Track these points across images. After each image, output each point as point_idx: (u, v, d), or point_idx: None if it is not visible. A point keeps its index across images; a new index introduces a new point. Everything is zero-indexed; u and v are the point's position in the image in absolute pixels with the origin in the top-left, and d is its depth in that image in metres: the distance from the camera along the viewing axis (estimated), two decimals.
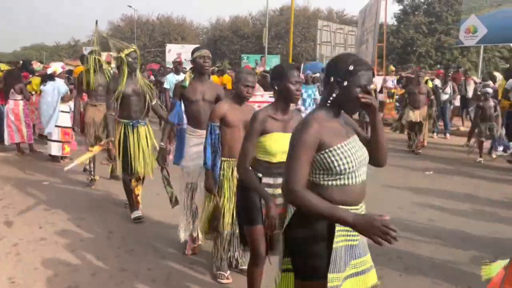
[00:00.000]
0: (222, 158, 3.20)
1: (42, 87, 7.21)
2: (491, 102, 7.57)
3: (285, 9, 46.54)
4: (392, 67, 14.23)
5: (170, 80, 7.98)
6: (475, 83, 11.23)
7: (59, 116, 7.06)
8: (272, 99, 2.70)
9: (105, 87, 5.45)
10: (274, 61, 31.47)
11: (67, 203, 5.22)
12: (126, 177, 4.56)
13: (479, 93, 9.34)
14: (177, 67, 8.12)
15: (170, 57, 34.85)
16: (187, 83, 3.70)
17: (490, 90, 7.69)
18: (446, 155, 8.61)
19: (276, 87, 2.54)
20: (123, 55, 4.38)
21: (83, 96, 6.14)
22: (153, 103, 4.68)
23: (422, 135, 8.59)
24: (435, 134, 10.45)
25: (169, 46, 36.23)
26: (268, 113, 2.57)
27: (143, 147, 4.55)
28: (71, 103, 7.56)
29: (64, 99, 7.16)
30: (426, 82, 10.69)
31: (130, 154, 4.47)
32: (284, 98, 2.54)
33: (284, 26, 44.88)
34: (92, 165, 5.98)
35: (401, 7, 31.33)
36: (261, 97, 9.20)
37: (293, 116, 2.63)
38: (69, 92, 7.34)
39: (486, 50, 29.45)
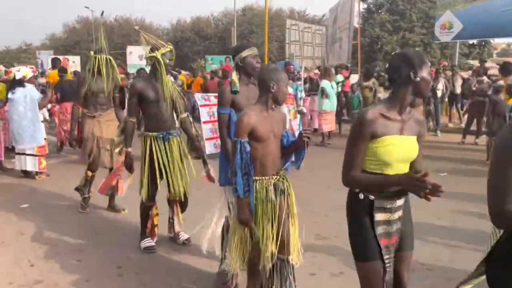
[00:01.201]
0: (255, 178, 2.58)
1: (10, 95, 6.26)
2: (502, 96, 7.29)
3: (247, 10, 46.15)
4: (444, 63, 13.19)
5: None
6: (463, 78, 11.10)
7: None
8: None
9: (106, 93, 4.67)
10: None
11: (57, 231, 4.41)
12: (148, 202, 3.83)
13: (474, 88, 9.16)
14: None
15: (131, 60, 33.51)
16: (238, 87, 3.05)
17: (502, 83, 7.40)
18: (449, 154, 8.30)
19: (397, 80, 2.02)
20: (158, 54, 3.65)
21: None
22: (183, 115, 3.95)
23: None
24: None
25: (130, 48, 34.75)
26: (380, 111, 2.01)
27: (178, 163, 3.83)
28: (45, 111, 6.70)
29: (39, 107, 6.27)
30: None
31: (165, 173, 3.75)
32: (414, 94, 2.04)
33: (247, 26, 44.47)
34: (88, 187, 5.04)
35: (365, 5, 31.56)
36: None
37: (413, 115, 2.11)
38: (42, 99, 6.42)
39: (448, 47, 30.23)
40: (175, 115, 3.98)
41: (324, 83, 8.91)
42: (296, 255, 2.71)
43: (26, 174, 6.58)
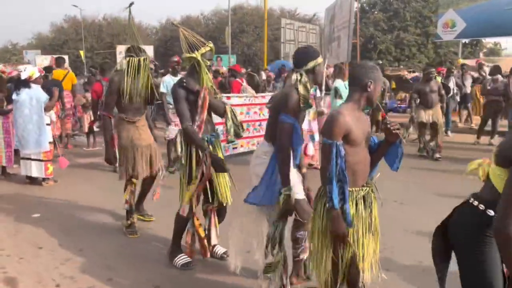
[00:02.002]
0: None
1: (14, 96, 5.83)
2: None
3: (238, 9, 45.77)
4: (460, 60, 12.61)
5: (168, 83, 6.82)
6: (472, 77, 10.93)
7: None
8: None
9: (142, 97, 4.20)
10: (230, 61, 30.43)
11: (78, 244, 4.03)
12: (189, 213, 3.47)
13: (488, 87, 8.97)
14: (175, 68, 6.97)
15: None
16: (310, 103, 2.76)
17: None
18: (468, 155, 8.07)
19: None
20: (198, 55, 3.29)
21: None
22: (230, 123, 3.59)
23: (439, 137, 7.90)
24: None
25: (120, 48, 34.09)
26: None
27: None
28: (52, 113, 6.28)
29: (46, 109, 5.86)
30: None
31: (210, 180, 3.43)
32: None
33: (238, 25, 44.10)
34: (133, 200, 4.34)
35: (358, 5, 31.42)
36: (263, 99, 8.30)
37: None
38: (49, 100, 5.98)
39: (442, 46, 30.31)
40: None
41: (338, 83, 8.60)
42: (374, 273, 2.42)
43: (31, 180, 6.15)
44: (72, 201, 5.38)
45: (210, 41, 3.53)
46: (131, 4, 4.11)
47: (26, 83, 5.79)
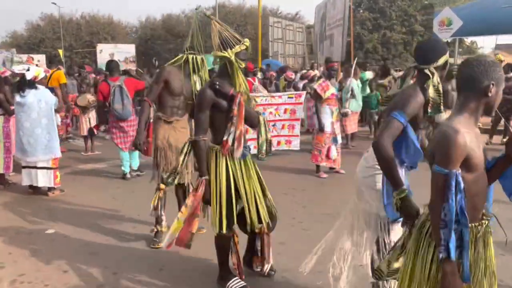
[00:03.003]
0: None
1: (18, 98, 5.27)
2: None
3: (220, 7, 45.15)
4: (500, 56, 12.29)
5: None
6: None
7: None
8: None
9: (186, 98, 3.79)
10: (212, 60, 29.78)
11: (107, 266, 3.55)
12: (229, 232, 3.02)
13: None
14: None
15: (102, 58, 32.05)
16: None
17: None
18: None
19: None
20: (231, 54, 2.84)
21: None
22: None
23: None
24: None
25: (100, 46, 33.35)
26: None
27: (256, 189, 3.05)
28: (58, 117, 5.76)
29: (57, 112, 5.34)
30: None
31: (243, 198, 2.98)
32: None
33: None
34: (162, 210, 3.96)
35: (351, 4, 31.41)
36: (280, 98, 7.90)
37: None
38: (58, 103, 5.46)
39: None
40: None
41: (353, 82, 8.28)
42: None
43: (35, 190, 5.60)
44: (85, 213, 4.89)
45: (246, 39, 3.12)
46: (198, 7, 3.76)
47: (31, 84, 5.24)
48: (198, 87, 5.47)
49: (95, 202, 5.24)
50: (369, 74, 10.96)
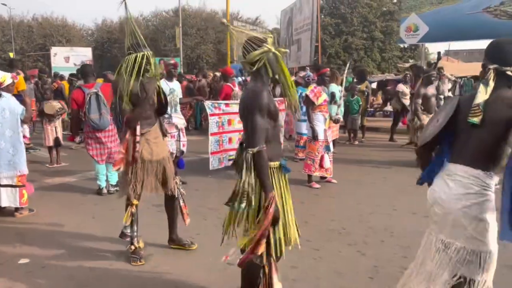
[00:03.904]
0: None
1: None
2: None
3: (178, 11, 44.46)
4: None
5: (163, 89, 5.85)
6: (449, 80, 10.90)
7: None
8: None
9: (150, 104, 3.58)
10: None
11: None
12: (269, 259, 2.57)
13: None
14: (172, 72, 5.98)
15: (56, 62, 30.64)
16: None
17: None
18: None
19: None
20: (271, 46, 2.46)
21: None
22: None
23: None
24: None
25: (54, 49, 31.94)
26: None
27: (289, 204, 2.67)
28: (26, 128, 5.11)
29: (24, 122, 4.71)
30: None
31: (287, 217, 2.57)
32: None
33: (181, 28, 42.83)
34: (135, 225, 3.68)
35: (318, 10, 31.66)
36: None
37: None
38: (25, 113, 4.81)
39: (386, 50, 31.20)
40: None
41: (333, 87, 8.05)
42: None
43: (0, 211, 4.93)
44: (62, 235, 4.30)
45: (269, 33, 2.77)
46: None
47: None
48: (165, 85, 5.15)
49: (72, 223, 4.66)
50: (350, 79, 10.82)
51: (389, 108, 13.77)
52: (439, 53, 9.96)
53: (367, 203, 5.36)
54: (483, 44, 5.34)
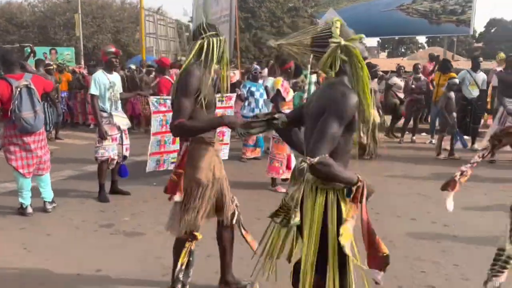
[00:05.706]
0: None
1: None
2: None
3: None
4: (502, 55, 11.15)
5: (101, 81, 4.82)
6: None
7: None
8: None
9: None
10: (66, 53, 26.85)
11: None
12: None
13: (413, 86, 9.07)
14: (113, 62, 4.88)
15: None
16: None
17: None
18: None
19: None
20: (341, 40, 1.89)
21: None
22: None
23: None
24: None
25: None
26: None
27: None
28: None
29: None
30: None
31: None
32: None
33: (72, 16, 39.44)
34: (191, 268, 2.71)
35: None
36: (229, 100, 6.65)
37: None
38: None
39: None
40: None
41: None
42: None
43: None
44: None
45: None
46: None
47: None
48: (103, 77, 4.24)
49: (70, 263, 3.47)
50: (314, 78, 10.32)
51: None
52: None
53: None
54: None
